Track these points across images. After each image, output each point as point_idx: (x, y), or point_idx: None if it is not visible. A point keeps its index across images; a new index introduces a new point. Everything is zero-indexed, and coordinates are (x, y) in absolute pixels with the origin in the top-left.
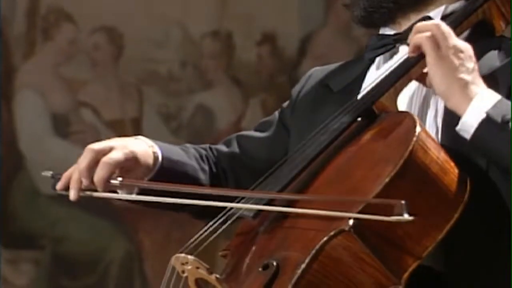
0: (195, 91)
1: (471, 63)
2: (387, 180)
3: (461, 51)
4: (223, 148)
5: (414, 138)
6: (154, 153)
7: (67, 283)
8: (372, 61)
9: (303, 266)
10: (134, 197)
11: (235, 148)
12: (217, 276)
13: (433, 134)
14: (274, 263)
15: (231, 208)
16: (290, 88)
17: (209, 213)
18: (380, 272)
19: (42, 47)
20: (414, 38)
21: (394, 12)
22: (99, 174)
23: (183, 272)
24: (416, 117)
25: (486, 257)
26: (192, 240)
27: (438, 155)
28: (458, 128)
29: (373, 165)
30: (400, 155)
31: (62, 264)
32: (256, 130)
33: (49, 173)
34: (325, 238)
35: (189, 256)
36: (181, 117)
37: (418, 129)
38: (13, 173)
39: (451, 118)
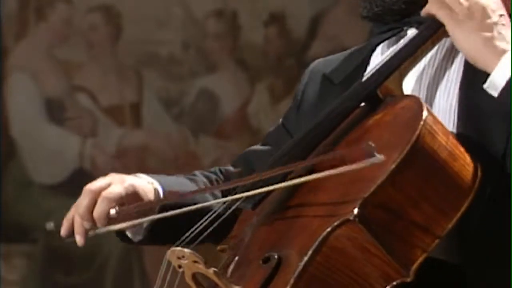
0: (198, 75)
1: (493, 17)
2: (392, 167)
3: (479, 9)
4: (231, 168)
5: (421, 123)
6: (155, 189)
7: (61, 278)
8: (374, 48)
9: (305, 258)
10: (138, 221)
11: (242, 165)
12: (216, 270)
13: (446, 119)
14: (275, 256)
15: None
16: (299, 71)
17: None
18: (387, 264)
19: (35, 28)
20: (426, 8)
21: (405, 10)
22: (99, 209)
23: (179, 266)
24: (422, 101)
25: (503, 249)
26: (188, 233)
27: (446, 140)
28: (485, 86)
29: (379, 152)
30: (406, 141)
31: (56, 258)
32: (262, 144)
33: (51, 225)
34: (328, 229)
35: (186, 250)
36: (183, 102)
37: (425, 113)
38: (4, 162)
39: (467, 102)
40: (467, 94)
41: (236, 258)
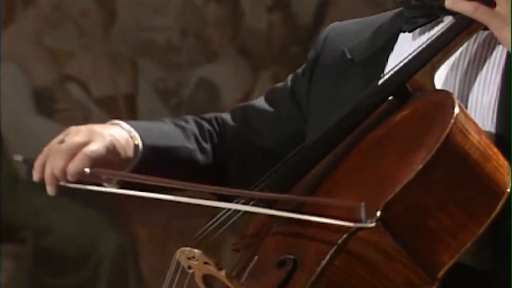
0: (197, 64)
1: None
2: (420, 167)
3: None
4: (229, 120)
5: (452, 120)
6: (135, 145)
7: (51, 281)
8: (400, 29)
9: (323, 262)
10: (108, 189)
11: (241, 121)
12: (228, 272)
13: (484, 116)
14: (291, 259)
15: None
16: (305, 61)
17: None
18: (411, 270)
19: (23, 14)
20: (455, 3)
21: (444, 8)
22: (75, 166)
23: (189, 267)
24: (454, 97)
25: None
26: (198, 233)
27: (479, 139)
28: None
29: (405, 151)
30: (436, 140)
31: (46, 259)
32: (266, 100)
33: (20, 158)
34: (349, 231)
35: (196, 250)
36: (181, 93)
37: (456, 109)
38: None
39: (509, 100)
40: (509, 92)
41: (250, 260)
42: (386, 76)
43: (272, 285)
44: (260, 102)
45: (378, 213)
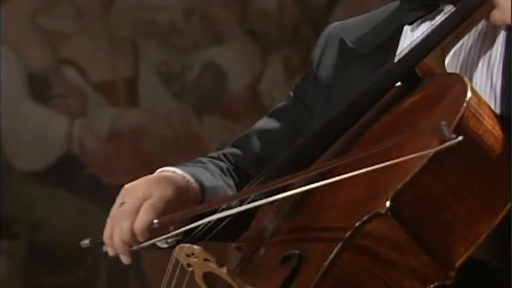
0: (203, 46)
1: None
2: (431, 154)
3: None
4: (238, 152)
5: (464, 105)
6: (193, 186)
7: (47, 279)
8: (403, 26)
9: (331, 257)
10: (179, 231)
11: (257, 147)
12: (229, 269)
13: (490, 103)
14: (296, 254)
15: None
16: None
17: None
18: (424, 264)
19: None
20: None
21: None
22: (142, 220)
23: (188, 265)
24: (466, 80)
25: None
26: (199, 228)
27: (493, 124)
28: None
29: (416, 138)
30: (447, 125)
31: (41, 256)
32: (270, 117)
33: (87, 241)
34: (356, 224)
35: (195, 247)
36: (185, 77)
37: (469, 94)
38: None
39: None
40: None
41: (253, 256)
42: (394, 61)
43: (276, 283)
44: (263, 122)
45: (388, 203)
